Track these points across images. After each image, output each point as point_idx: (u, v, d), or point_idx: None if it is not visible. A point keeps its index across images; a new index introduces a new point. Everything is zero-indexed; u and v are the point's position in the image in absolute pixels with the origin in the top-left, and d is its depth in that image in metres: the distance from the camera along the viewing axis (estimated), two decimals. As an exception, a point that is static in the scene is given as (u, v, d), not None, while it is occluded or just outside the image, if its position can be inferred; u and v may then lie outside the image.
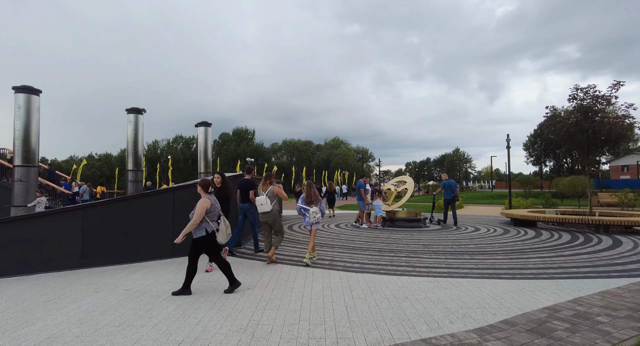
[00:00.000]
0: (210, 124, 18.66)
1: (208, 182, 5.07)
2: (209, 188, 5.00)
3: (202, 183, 5.04)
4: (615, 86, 11.83)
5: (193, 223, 4.68)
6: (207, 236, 4.81)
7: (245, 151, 67.91)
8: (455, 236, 10.01)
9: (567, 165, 50.78)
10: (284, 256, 7.26)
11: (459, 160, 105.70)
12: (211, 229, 4.84)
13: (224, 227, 5.01)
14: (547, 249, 7.86)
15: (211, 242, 4.87)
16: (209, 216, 4.84)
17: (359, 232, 11.00)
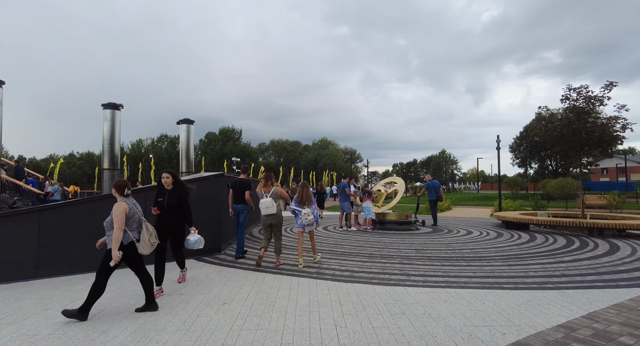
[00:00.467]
0: (193, 121, 17.91)
1: (124, 182, 4.23)
2: (124, 189, 4.17)
3: (117, 184, 4.21)
4: (608, 86, 11.64)
5: (118, 234, 3.88)
6: (122, 248, 3.96)
7: (232, 151, 66.83)
8: (448, 240, 9.59)
9: (551, 167, 51.50)
10: (267, 263, 6.68)
11: (445, 161, 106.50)
12: (128, 240, 4.05)
13: (147, 235, 4.18)
14: (545, 254, 7.49)
15: (127, 255, 4.06)
16: (128, 223, 4.06)
17: (348, 235, 10.49)
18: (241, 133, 74.68)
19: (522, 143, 53.06)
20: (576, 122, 12.04)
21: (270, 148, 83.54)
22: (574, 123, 12.07)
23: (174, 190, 4.98)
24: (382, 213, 11.93)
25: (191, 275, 5.82)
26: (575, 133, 12.01)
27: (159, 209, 4.88)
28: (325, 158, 72.04)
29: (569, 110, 12.28)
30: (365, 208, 11.57)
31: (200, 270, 6.16)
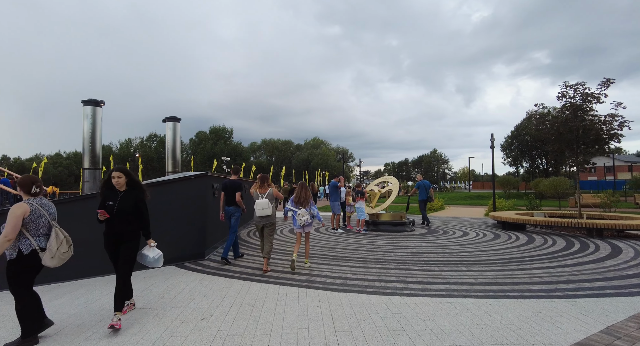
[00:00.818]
0: (180, 119, 17.29)
1: (30, 179, 3.51)
2: (31, 187, 3.47)
3: (22, 181, 3.50)
4: (605, 83, 11.40)
5: (4, 241, 3.17)
6: (22, 259, 3.30)
7: (223, 150, 66.00)
8: (445, 242, 9.22)
9: (542, 166, 51.80)
10: (253, 269, 6.21)
11: (436, 161, 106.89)
12: (29, 248, 3.32)
13: (55, 244, 3.42)
14: (547, 258, 7.15)
15: (27, 267, 3.36)
16: (30, 228, 3.35)
17: (340, 237, 10.06)
18: (232, 133, 73.85)
19: (513, 143, 53.26)
20: (573, 119, 11.80)
21: (261, 147, 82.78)
22: (571, 121, 11.82)
23: (128, 192, 4.03)
24: (375, 214, 11.53)
25: (169, 284, 5.33)
26: (572, 131, 11.76)
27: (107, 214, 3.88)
28: (317, 157, 71.59)
29: (566, 108, 12.03)
30: (358, 209, 11.16)
31: (180, 278, 5.66)
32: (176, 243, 6.58)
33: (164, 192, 6.42)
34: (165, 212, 6.39)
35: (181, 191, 6.65)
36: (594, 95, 11.49)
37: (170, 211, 6.46)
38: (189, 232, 6.74)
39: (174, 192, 6.54)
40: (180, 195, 6.63)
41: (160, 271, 6.10)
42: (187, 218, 6.72)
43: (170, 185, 6.54)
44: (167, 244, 6.37)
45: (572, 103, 11.88)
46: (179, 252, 6.63)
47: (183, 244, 6.68)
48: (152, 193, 6.25)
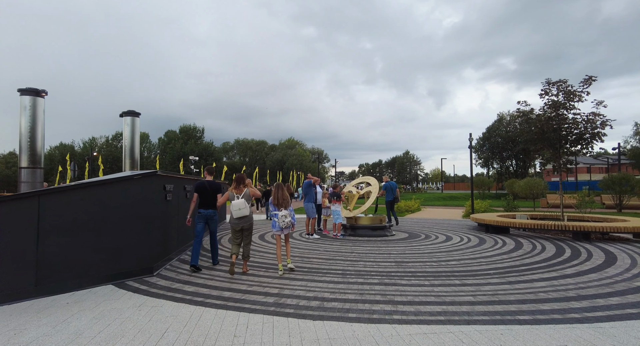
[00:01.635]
0: (139, 114, 15.72)
1: None
2: None
3: None
4: (587, 81, 11.08)
5: None
6: None
7: (193, 150, 63.52)
8: (429, 248, 8.46)
9: (512, 167, 53.02)
10: (210, 289, 5.14)
11: (409, 162, 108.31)
12: None
13: None
14: (543, 266, 6.49)
15: None
16: None
17: (316, 244, 9.10)
18: (203, 132, 71.43)
19: (484, 144, 54.22)
20: (555, 118, 11.41)
21: (235, 147, 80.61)
22: (553, 119, 11.43)
23: None
24: (353, 217, 10.66)
25: (97, 313, 4.17)
26: (556, 130, 11.38)
27: None
28: (292, 158, 70.30)
29: (548, 105, 11.64)
30: (334, 212, 10.24)
31: (114, 304, 4.50)
32: (116, 257, 5.39)
33: (100, 195, 5.22)
34: (101, 218, 5.20)
35: (122, 193, 5.47)
36: (576, 93, 11.15)
37: (108, 218, 5.27)
38: (133, 242, 5.57)
39: (112, 194, 5.35)
40: (121, 198, 5.45)
41: (93, 293, 4.90)
42: (131, 227, 5.54)
43: (108, 186, 5.34)
44: (103, 258, 5.19)
45: (555, 101, 11.50)
46: (120, 268, 5.45)
47: (125, 258, 5.50)
48: (83, 196, 5.06)
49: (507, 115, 52.32)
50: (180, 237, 7.73)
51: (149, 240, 5.84)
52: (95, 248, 5.12)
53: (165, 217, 6.56)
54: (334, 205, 10.30)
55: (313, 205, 10.31)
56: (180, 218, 7.61)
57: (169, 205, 6.73)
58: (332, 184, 11.06)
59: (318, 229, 11.59)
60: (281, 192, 6.15)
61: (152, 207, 5.95)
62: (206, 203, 6.35)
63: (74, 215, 4.90)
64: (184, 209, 7.95)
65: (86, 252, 5.03)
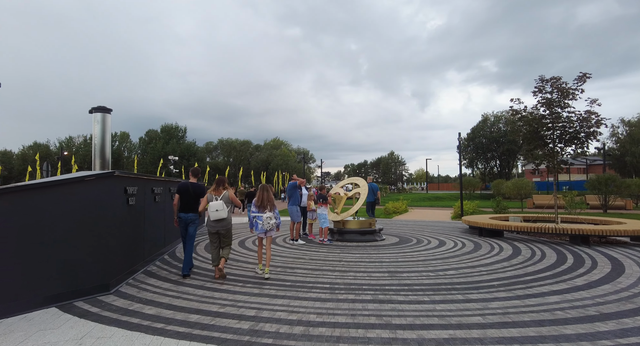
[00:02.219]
0: (110, 110, 14.65)
1: None
2: None
3: None
4: (581, 78, 10.70)
5: None
6: None
7: (175, 150, 61.74)
8: (423, 255, 7.84)
9: (496, 168, 53.51)
10: (175, 311, 4.35)
11: (394, 163, 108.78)
12: None
13: None
14: (550, 276, 5.94)
15: None
16: None
17: (301, 251, 8.37)
18: (185, 131, 69.70)
19: (469, 145, 54.54)
20: (549, 116, 11.00)
21: (218, 147, 78.99)
22: (547, 117, 11.02)
23: None
24: (341, 221, 9.97)
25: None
26: (549, 128, 10.97)
27: None
28: (277, 158, 69.22)
29: (542, 103, 11.21)
30: (320, 215, 9.53)
31: (49, 336, 3.65)
32: (62, 273, 4.54)
33: (38, 200, 4.36)
34: (41, 228, 4.34)
35: (69, 198, 4.62)
36: (570, 91, 10.77)
37: (51, 227, 4.42)
38: (84, 255, 4.72)
39: (55, 199, 4.49)
40: (68, 204, 4.60)
41: (28, 320, 4.04)
42: (81, 237, 4.70)
43: (48, 190, 4.47)
44: (45, 275, 4.33)
45: (549, 98, 11.08)
46: (68, 286, 4.60)
47: (75, 273, 4.66)
48: (14, 202, 4.19)
49: (491, 116, 52.82)
50: (150, 246, 6.88)
51: (106, 252, 5.00)
52: (33, 263, 4.26)
53: (128, 225, 5.71)
54: (320, 208, 9.59)
55: (298, 208, 9.58)
56: (149, 224, 6.76)
57: (132, 211, 5.89)
58: (318, 186, 10.35)
59: (303, 234, 10.86)
60: (266, 194, 5.97)
61: (110, 213, 5.10)
62: (187, 206, 6.06)
63: (2, 224, 4.02)
64: (153, 214, 7.11)
65: (21, 268, 4.17)
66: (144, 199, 6.56)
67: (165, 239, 8.12)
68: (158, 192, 7.40)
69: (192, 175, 6.37)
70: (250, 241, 9.69)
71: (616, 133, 49.42)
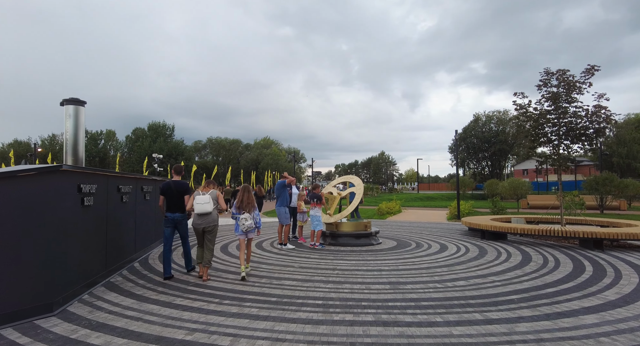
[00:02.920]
0: (84, 102, 13.60)
1: None
2: None
3: None
4: (589, 71, 10.07)
5: None
6: None
7: (162, 148, 60.24)
8: (425, 262, 7.07)
9: (488, 168, 53.43)
10: (133, 337, 3.47)
11: (384, 163, 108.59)
12: None
13: None
14: (573, 289, 5.22)
15: None
16: None
17: (289, 257, 7.53)
18: (173, 130, 68.11)
19: (460, 144, 54.32)
20: (554, 111, 10.36)
21: (207, 146, 77.51)
22: (552, 113, 10.38)
23: None
24: (334, 223, 9.15)
25: None
26: (555, 124, 10.33)
27: None
28: (267, 157, 68.15)
29: (546, 98, 10.55)
30: (314, 217, 8.68)
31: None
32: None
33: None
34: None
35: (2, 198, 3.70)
36: (577, 85, 10.13)
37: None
38: (19, 269, 3.81)
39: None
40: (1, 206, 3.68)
41: None
42: (16, 246, 3.78)
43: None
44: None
45: (555, 92, 10.42)
46: None
47: (7, 291, 3.74)
48: None
49: (482, 115, 52.72)
50: (115, 253, 5.96)
51: (50, 264, 4.09)
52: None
53: (82, 230, 4.80)
54: (313, 209, 8.74)
55: (286, 210, 8.72)
56: (114, 228, 5.85)
57: (89, 213, 4.97)
58: (312, 184, 9.51)
59: (293, 237, 10.02)
60: (247, 195, 5.94)
61: (56, 217, 4.19)
62: (173, 206, 5.84)
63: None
64: (119, 217, 6.20)
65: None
66: (107, 199, 5.65)
67: (137, 244, 7.19)
68: (126, 191, 6.48)
69: (175, 172, 6.10)
70: (235, 246, 8.81)
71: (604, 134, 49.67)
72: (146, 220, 7.93)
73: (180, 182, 5.96)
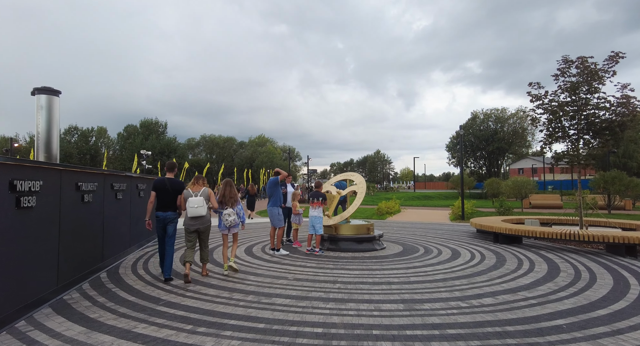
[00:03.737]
0: (59, 92, 12.49)
1: None
2: None
3: None
4: (613, 58, 9.19)
5: None
6: None
7: (155, 146, 58.95)
8: (439, 270, 6.14)
9: (485, 167, 52.76)
10: None
11: (380, 161, 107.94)
12: None
13: None
14: (625, 309, 4.30)
15: None
16: None
17: (282, 266, 6.56)
18: (166, 127, 66.85)
19: (458, 143, 53.58)
20: (572, 103, 9.47)
21: (201, 144, 76.20)
22: (570, 105, 9.50)
23: None
24: (333, 225, 8.19)
25: None
26: (573, 117, 9.44)
27: None
28: (262, 155, 67.04)
29: (564, 89, 9.64)
30: (315, 219, 7.65)
31: None
32: None
33: None
34: None
35: None
36: (599, 73, 9.24)
37: None
38: None
39: None
40: None
41: None
42: None
43: None
44: None
45: (574, 82, 9.51)
46: None
47: None
48: None
49: (480, 113, 52.03)
50: (74, 264, 4.96)
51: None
52: None
53: (16, 238, 3.79)
54: (315, 209, 7.75)
55: (280, 211, 7.74)
56: (69, 235, 4.85)
57: (29, 217, 3.96)
58: (314, 182, 8.51)
59: (287, 241, 9.05)
60: (229, 189, 5.95)
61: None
62: (165, 204, 5.61)
63: None
64: (80, 220, 5.21)
65: None
66: (60, 199, 4.64)
67: (105, 252, 6.19)
68: (89, 189, 5.48)
69: (168, 170, 5.87)
70: (218, 254, 7.84)
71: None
72: (118, 223, 6.92)
73: (175, 180, 5.76)
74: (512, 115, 50.06)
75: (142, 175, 9.11)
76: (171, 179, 5.69)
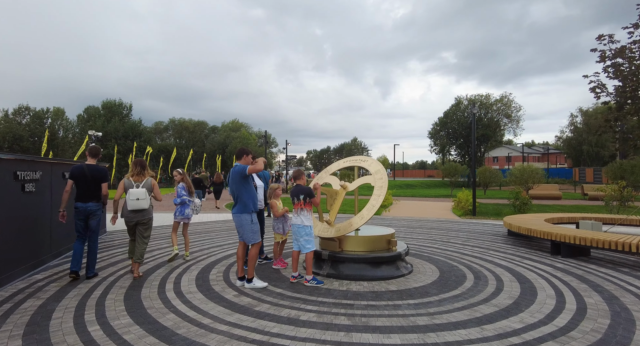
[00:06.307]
0: None
1: None
2: None
3: None
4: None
5: None
6: None
7: (118, 129, 53.87)
8: (527, 333, 3.43)
9: (468, 155, 51.29)
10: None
11: (357, 149, 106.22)
12: None
13: None
14: None
15: None
16: None
17: (250, 317, 3.64)
18: (131, 109, 61.49)
19: (441, 130, 51.78)
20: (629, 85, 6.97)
21: (169, 128, 71.14)
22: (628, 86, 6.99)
23: None
24: (337, 237, 5.32)
25: None
26: None
27: None
28: (235, 140, 63.03)
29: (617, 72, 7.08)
30: (301, 229, 4.81)
31: None
32: None
33: None
34: None
35: None
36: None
37: None
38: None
39: None
40: None
41: None
42: None
43: None
44: None
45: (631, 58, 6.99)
46: None
47: None
48: None
49: (464, 99, 50.20)
50: None
51: None
52: None
53: None
54: (297, 213, 4.87)
55: (251, 218, 4.75)
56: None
57: None
58: (293, 171, 5.65)
59: (263, 260, 6.11)
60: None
61: None
62: (86, 194, 4.96)
63: None
64: None
65: None
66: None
67: None
68: None
69: (90, 155, 5.17)
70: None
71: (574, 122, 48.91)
72: (17, 223, 3.78)
73: (96, 166, 5.11)
74: (497, 100, 48.66)
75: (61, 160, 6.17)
76: (91, 165, 5.05)
